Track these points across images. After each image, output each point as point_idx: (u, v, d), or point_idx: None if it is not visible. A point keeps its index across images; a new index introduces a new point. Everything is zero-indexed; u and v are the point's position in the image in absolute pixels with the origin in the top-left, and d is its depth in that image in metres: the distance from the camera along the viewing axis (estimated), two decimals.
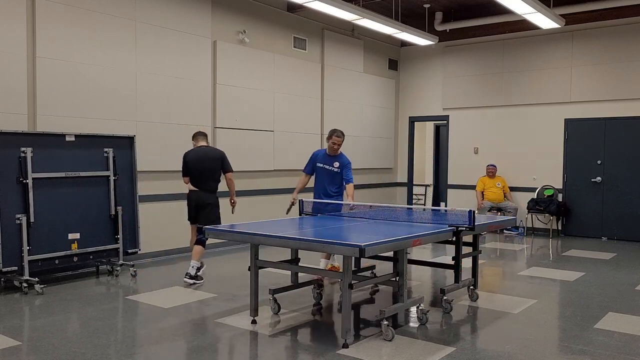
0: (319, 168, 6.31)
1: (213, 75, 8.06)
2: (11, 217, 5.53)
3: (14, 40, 5.98)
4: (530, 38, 10.31)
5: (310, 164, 6.42)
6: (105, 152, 6.35)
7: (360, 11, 8.09)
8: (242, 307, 5.04)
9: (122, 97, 6.93)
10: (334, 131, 6.19)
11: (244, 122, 8.48)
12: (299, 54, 9.45)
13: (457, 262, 5.23)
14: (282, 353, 3.95)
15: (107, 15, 6.74)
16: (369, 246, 3.74)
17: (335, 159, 6.26)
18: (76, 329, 4.45)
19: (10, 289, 5.64)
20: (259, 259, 4.64)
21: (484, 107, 10.93)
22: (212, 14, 8.00)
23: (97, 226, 6.24)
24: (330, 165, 6.24)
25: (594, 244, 9.12)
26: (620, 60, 9.53)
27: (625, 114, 9.54)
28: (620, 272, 6.89)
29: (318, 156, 6.38)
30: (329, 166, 6.24)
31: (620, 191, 9.60)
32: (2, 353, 3.87)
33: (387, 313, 4.30)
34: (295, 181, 9.60)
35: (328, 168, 6.25)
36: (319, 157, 6.36)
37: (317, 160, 6.33)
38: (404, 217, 5.61)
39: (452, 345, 4.13)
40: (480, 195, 10.46)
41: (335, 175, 6.25)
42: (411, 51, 11.84)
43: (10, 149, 5.55)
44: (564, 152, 10.10)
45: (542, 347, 4.13)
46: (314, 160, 6.37)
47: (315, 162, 6.33)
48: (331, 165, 6.23)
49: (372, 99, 11.19)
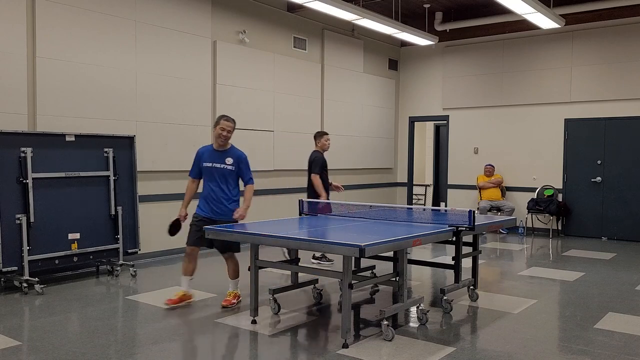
0: (206, 168, 5.01)
1: (213, 75, 8.06)
2: (11, 217, 5.53)
3: (14, 40, 5.98)
4: (530, 38, 10.31)
5: (195, 165, 5.14)
6: (105, 152, 6.35)
7: (360, 11, 8.09)
8: (242, 307, 5.04)
9: (122, 97, 6.93)
10: (221, 116, 5.05)
11: (244, 122, 8.48)
12: (299, 54, 9.45)
13: (457, 262, 5.23)
14: (282, 353, 3.95)
15: (107, 15, 6.74)
16: (369, 246, 3.74)
17: (226, 154, 5.04)
18: (76, 329, 4.45)
19: (10, 289, 5.64)
20: (259, 259, 4.64)
21: (484, 107, 10.93)
22: (212, 14, 8.00)
23: (97, 226, 6.24)
24: (220, 162, 5.00)
25: (594, 244, 9.12)
26: (620, 60, 9.53)
27: (625, 114, 9.54)
28: (620, 272, 6.90)
29: (204, 154, 5.06)
30: (220, 164, 5.00)
31: (620, 191, 9.60)
32: (2, 353, 3.87)
33: (387, 313, 4.30)
34: (295, 181, 9.69)
35: (218, 166, 5.00)
36: (205, 155, 5.05)
37: (203, 159, 5.04)
38: (404, 217, 5.60)
39: (452, 345, 4.13)
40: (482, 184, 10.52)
41: (229, 175, 5.03)
42: (411, 51, 11.84)
43: (10, 149, 5.55)
44: (564, 152, 10.10)
45: (542, 347, 4.13)
46: (198, 159, 5.10)
47: (200, 161, 5.07)
48: (222, 163, 5.00)
49: (372, 99, 11.19)
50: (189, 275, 5.18)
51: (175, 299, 5.11)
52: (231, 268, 5.21)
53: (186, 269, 5.18)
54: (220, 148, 5.03)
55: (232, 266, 5.21)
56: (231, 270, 5.21)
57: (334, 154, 10.23)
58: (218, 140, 4.99)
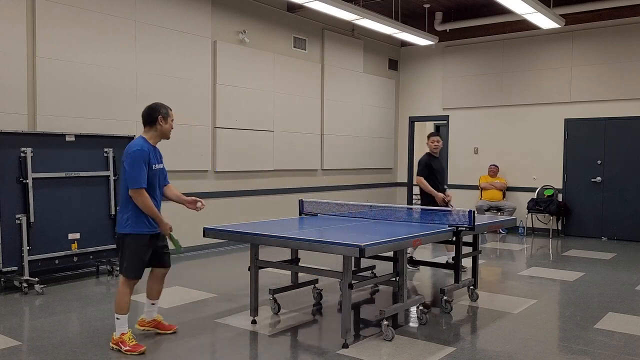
0: (155, 172, 4.03)
1: (213, 75, 8.06)
2: (11, 217, 5.53)
3: (14, 40, 5.98)
4: (530, 38, 10.31)
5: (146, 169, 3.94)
6: (105, 152, 6.35)
7: (360, 11, 8.09)
8: (242, 307, 5.04)
9: (122, 97, 6.93)
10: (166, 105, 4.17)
11: (244, 122, 8.48)
12: (299, 54, 9.45)
13: (457, 262, 5.23)
14: (282, 353, 3.95)
15: (107, 15, 6.74)
16: (369, 246, 3.74)
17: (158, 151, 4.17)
18: (76, 329, 4.45)
19: (10, 289, 5.64)
20: (259, 259, 4.64)
21: (484, 107, 10.93)
22: (212, 14, 8.00)
23: (97, 226, 6.24)
24: (162, 162, 4.18)
25: (594, 244, 9.12)
26: (620, 60, 9.52)
27: (625, 114, 9.54)
28: (620, 272, 6.89)
29: (150, 155, 3.99)
30: (162, 164, 4.18)
31: (620, 191, 9.60)
32: (2, 353, 3.87)
33: (387, 313, 4.30)
34: (296, 181, 9.70)
35: (162, 167, 4.17)
36: (151, 155, 4.01)
37: (151, 160, 4.00)
38: (404, 217, 5.60)
39: (452, 345, 4.13)
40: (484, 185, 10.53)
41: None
42: (411, 51, 11.84)
43: (10, 149, 5.55)
44: (564, 152, 10.10)
45: (542, 347, 4.13)
46: (147, 161, 3.96)
47: (150, 164, 3.98)
48: (162, 162, 4.19)
49: (372, 98, 11.19)
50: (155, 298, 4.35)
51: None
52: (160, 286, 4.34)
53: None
54: (156, 144, 4.12)
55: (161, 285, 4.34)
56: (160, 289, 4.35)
57: (334, 154, 10.25)
58: (164, 135, 4.07)
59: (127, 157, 3.92)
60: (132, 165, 3.86)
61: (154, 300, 4.32)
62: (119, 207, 4.07)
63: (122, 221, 3.96)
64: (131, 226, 3.94)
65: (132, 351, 3.86)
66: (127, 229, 3.94)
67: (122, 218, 3.97)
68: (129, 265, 4.00)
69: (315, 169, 9.87)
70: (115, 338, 3.95)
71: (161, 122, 4.06)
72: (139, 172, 3.86)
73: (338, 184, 10.39)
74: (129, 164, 3.88)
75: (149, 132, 4.07)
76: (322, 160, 9.99)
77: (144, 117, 4.09)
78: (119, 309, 3.97)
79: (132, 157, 3.89)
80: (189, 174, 7.73)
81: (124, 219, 3.95)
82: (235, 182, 8.45)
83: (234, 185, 8.41)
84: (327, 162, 10.07)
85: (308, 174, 9.76)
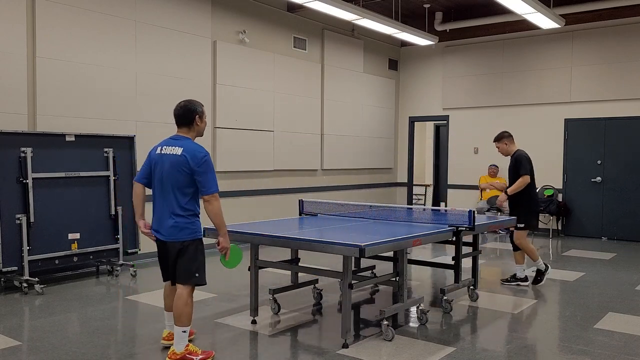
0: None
1: (213, 75, 8.06)
2: (11, 217, 5.53)
3: (14, 40, 5.98)
4: (530, 38, 10.31)
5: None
6: (105, 152, 6.35)
7: (360, 11, 8.09)
8: (242, 307, 5.04)
9: (122, 97, 6.93)
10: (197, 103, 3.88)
11: (244, 122, 8.48)
12: (299, 54, 9.45)
13: (457, 262, 5.23)
14: (282, 353, 3.95)
15: (107, 15, 6.74)
16: (369, 246, 3.74)
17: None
18: (76, 329, 4.45)
19: (10, 289, 5.64)
20: (259, 259, 4.64)
21: (484, 107, 10.93)
22: (212, 14, 8.00)
23: (97, 226, 6.24)
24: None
25: (594, 244, 9.12)
26: (620, 60, 9.52)
27: (625, 114, 9.54)
28: (620, 272, 6.89)
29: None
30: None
31: (620, 191, 9.60)
32: (2, 353, 3.87)
33: (387, 313, 4.30)
34: (296, 181, 9.70)
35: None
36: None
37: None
38: (404, 217, 5.61)
39: (452, 345, 4.13)
40: (483, 186, 10.55)
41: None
42: (411, 51, 11.84)
43: (10, 149, 5.55)
44: (564, 152, 10.10)
45: (542, 347, 4.13)
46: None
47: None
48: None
49: (372, 98, 11.20)
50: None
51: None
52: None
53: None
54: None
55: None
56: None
57: (334, 154, 10.25)
58: (200, 135, 3.90)
59: (200, 162, 3.62)
60: (210, 168, 3.64)
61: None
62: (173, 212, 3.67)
63: (188, 225, 3.69)
64: (199, 231, 3.74)
65: (206, 358, 3.71)
66: (197, 234, 3.73)
67: (186, 222, 3.68)
68: (204, 271, 3.77)
69: (315, 169, 9.87)
70: (179, 353, 3.65)
71: (198, 122, 3.80)
72: (215, 176, 3.68)
73: (338, 184, 10.39)
74: (205, 169, 3.61)
75: (188, 133, 3.79)
76: (322, 160, 9.99)
77: (180, 117, 3.78)
78: (187, 321, 3.66)
79: (208, 162, 3.65)
80: None
81: (190, 222, 3.69)
82: (235, 182, 8.45)
83: (234, 185, 8.41)
84: (327, 162, 10.07)
85: (308, 174, 9.76)
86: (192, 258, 3.72)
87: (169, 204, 3.69)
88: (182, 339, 3.67)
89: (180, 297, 3.67)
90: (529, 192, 5.96)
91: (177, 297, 3.69)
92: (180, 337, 3.67)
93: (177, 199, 3.67)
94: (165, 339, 4.02)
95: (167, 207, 3.70)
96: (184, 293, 3.69)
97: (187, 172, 3.64)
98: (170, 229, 3.69)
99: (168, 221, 3.68)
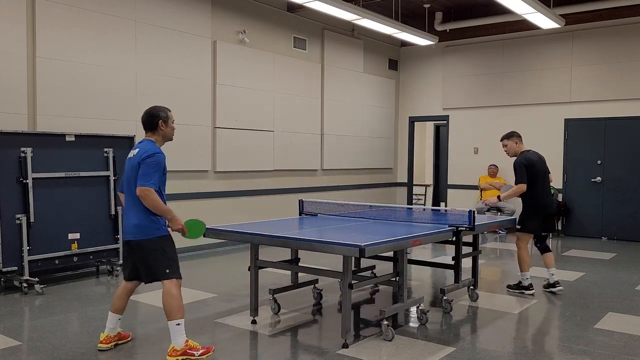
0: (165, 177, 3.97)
1: (213, 75, 8.06)
2: (11, 217, 5.53)
3: (14, 40, 5.98)
4: (530, 38, 10.31)
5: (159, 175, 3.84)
6: (105, 152, 6.35)
7: (360, 11, 8.09)
8: (242, 307, 5.04)
9: (122, 97, 6.93)
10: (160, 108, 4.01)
11: (244, 122, 8.48)
12: (299, 54, 9.45)
13: (457, 262, 5.23)
14: (282, 353, 3.95)
15: (107, 15, 6.74)
16: (369, 246, 3.74)
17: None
18: (76, 329, 4.45)
19: (10, 289, 5.64)
20: (259, 259, 4.64)
21: (484, 107, 10.93)
22: (212, 14, 8.00)
23: (97, 226, 6.24)
24: None
25: (594, 244, 9.12)
26: (620, 60, 9.53)
27: (625, 114, 9.54)
28: (620, 272, 6.89)
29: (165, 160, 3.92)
30: None
31: (620, 191, 9.60)
32: (2, 353, 3.87)
33: (387, 313, 4.30)
34: (296, 181, 9.69)
35: None
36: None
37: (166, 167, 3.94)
38: (404, 217, 5.60)
39: (452, 345, 4.13)
40: (483, 186, 10.56)
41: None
42: (411, 51, 11.84)
43: (10, 149, 5.55)
44: (564, 152, 10.10)
45: (542, 347, 4.13)
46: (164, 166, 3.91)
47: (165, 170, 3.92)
48: None
49: (372, 98, 11.19)
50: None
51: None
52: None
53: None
54: None
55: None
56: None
57: (334, 154, 10.25)
58: (167, 138, 3.99)
59: (145, 157, 3.71)
60: (151, 165, 3.70)
61: (121, 315, 4.02)
62: (136, 212, 3.74)
63: (152, 224, 3.73)
64: (163, 228, 3.79)
65: (207, 353, 3.76)
66: (162, 230, 3.78)
67: (149, 220, 3.73)
68: (176, 265, 3.82)
69: (315, 169, 9.87)
70: (179, 349, 3.65)
71: (162, 127, 3.91)
72: (154, 173, 3.71)
73: (338, 184, 10.39)
74: (147, 164, 3.69)
75: (152, 136, 3.90)
76: (322, 160, 10.00)
77: (145, 123, 3.92)
78: (179, 313, 3.68)
79: (156, 159, 3.73)
80: (189, 174, 7.73)
81: (153, 220, 3.74)
82: (235, 182, 8.45)
83: (234, 185, 8.41)
84: (327, 162, 10.07)
85: (308, 174, 9.76)
86: (160, 255, 3.77)
87: (131, 204, 3.80)
88: (178, 332, 3.69)
89: (167, 293, 3.73)
90: (531, 196, 5.71)
91: (164, 294, 3.75)
92: (175, 332, 3.69)
93: (137, 198, 3.73)
94: (102, 342, 3.94)
95: (130, 207, 3.82)
96: (169, 288, 3.75)
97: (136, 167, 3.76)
98: (133, 228, 3.78)
99: (131, 220, 3.78)
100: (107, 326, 3.97)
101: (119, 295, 3.98)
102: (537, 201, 5.73)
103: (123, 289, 3.99)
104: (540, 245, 5.92)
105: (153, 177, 3.70)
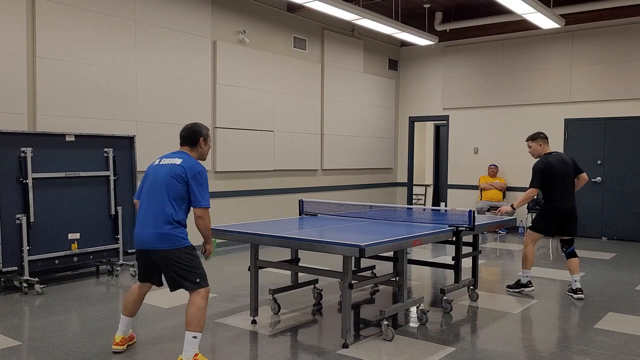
0: None
1: (213, 75, 8.06)
2: (11, 217, 5.53)
3: (14, 40, 5.98)
4: (530, 38, 10.31)
5: None
6: (105, 152, 6.35)
7: (360, 11, 8.09)
8: (242, 307, 5.04)
9: (122, 97, 6.93)
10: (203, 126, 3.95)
11: (244, 122, 8.48)
12: (299, 54, 9.45)
13: (457, 262, 5.23)
14: (282, 353, 3.95)
15: (107, 15, 6.74)
16: (369, 246, 3.74)
17: None
18: (76, 329, 4.45)
19: (10, 289, 5.64)
20: (259, 259, 4.64)
21: (484, 107, 10.93)
22: (212, 14, 8.00)
23: (97, 226, 6.24)
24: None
25: (594, 244, 9.12)
26: (620, 60, 9.53)
27: (625, 114, 9.54)
28: (620, 272, 6.89)
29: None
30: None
31: (620, 191, 9.60)
32: (2, 353, 3.87)
33: (387, 313, 4.30)
34: (296, 181, 9.70)
35: None
36: None
37: None
38: (404, 217, 5.60)
39: (452, 345, 4.13)
40: (483, 186, 10.55)
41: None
42: (411, 51, 11.84)
43: (10, 149, 5.55)
44: (564, 152, 10.08)
45: (542, 347, 4.13)
46: None
47: None
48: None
49: (372, 98, 11.20)
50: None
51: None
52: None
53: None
54: None
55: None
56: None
57: (334, 154, 10.25)
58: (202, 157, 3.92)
59: (196, 174, 3.66)
60: (204, 184, 3.68)
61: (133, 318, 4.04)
62: (161, 221, 3.63)
63: (179, 234, 3.67)
64: (188, 239, 3.74)
65: None
66: (188, 240, 3.72)
67: (177, 230, 3.66)
68: (205, 274, 3.74)
69: (315, 169, 9.87)
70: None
71: (202, 144, 3.85)
72: (207, 192, 3.71)
73: (338, 184, 10.39)
74: (200, 182, 3.66)
75: (190, 152, 3.83)
76: (322, 160, 10.00)
77: (185, 138, 3.85)
78: (199, 326, 3.59)
79: (204, 176, 3.69)
80: None
81: (178, 231, 3.67)
82: (235, 182, 8.45)
83: (234, 185, 8.42)
84: (327, 162, 10.07)
85: (308, 174, 9.77)
86: (191, 265, 3.69)
87: (154, 212, 3.67)
88: (191, 345, 3.61)
89: (194, 304, 3.64)
90: (549, 200, 5.71)
91: (191, 304, 3.65)
92: (189, 343, 3.60)
93: (168, 207, 3.64)
94: (117, 343, 3.92)
95: (150, 215, 3.68)
96: (196, 299, 3.66)
97: (182, 182, 3.65)
98: (156, 237, 3.64)
99: (152, 229, 3.65)
100: (121, 328, 3.95)
101: (135, 300, 3.93)
102: (555, 205, 5.70)
103: (138, 295, 3.93)
104: (566, 250, 5.88)
105: (207, 195, 3.69)
